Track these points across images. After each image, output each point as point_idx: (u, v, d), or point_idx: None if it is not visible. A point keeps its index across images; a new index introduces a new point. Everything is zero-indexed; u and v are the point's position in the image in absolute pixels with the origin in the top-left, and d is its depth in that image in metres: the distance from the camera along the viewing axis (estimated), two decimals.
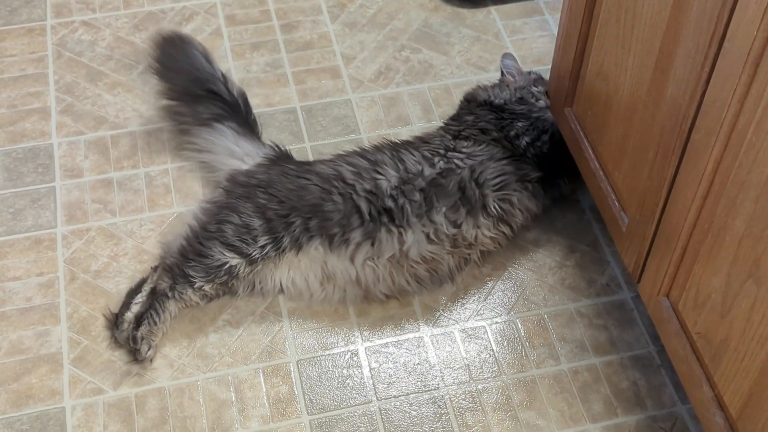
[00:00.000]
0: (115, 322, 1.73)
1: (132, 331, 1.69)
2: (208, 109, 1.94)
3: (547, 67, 1.97)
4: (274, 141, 1.94)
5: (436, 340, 1.77)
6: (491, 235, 1.81)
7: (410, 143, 1.89)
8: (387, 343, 1.76)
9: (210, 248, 1.72)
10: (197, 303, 1.76)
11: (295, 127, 2.11)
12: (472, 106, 1.97)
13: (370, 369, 1.73)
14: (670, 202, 1.41)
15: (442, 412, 1.67)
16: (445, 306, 1.82)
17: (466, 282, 1.85)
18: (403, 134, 1.99)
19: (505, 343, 1.77)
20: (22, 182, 1.99)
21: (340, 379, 1.71)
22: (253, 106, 2.07)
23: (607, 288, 1.86)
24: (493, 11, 2.39)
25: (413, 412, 1.67)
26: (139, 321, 1.70)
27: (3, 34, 2.29)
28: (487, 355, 1.75)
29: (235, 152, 1.90)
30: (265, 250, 1.71)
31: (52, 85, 2.17)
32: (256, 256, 1.72)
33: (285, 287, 1.79)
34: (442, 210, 1.75)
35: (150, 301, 1.72)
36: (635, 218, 1.54)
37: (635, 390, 1.71)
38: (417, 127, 2.09)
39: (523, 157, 1.86)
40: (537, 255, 1.90)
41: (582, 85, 1.71)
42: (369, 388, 1.70)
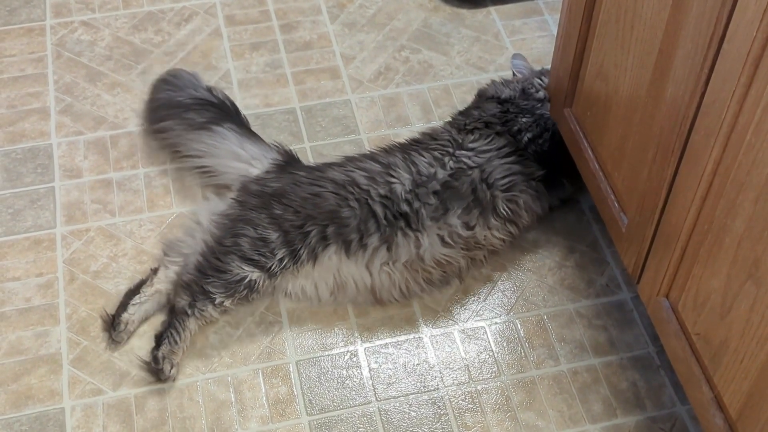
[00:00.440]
0: (112, 324, 1.72)
1: (153, 351, 1.67)
2: (201, 114, 1.91)
3: (546, 68, 1.98)
4: (278, 142, 1.93)
5: (436, 341, 1.77)
6: (500, 236, 1.81)
7: (419, 142, 1.88)
8: (386, 344, 1.76)
9: (228, 263, 1.69)
10: (217, 319, 1.75)
11: (295, 128, 2.11)
12: (480, 101, 1.98)
13: (370, 369, 1.73)
14: (669, 202, 1.41)
15: (442, 412, 1.67)
16: (445, 306, 1.82)
17: (466, 282, 1.85)
18: (402, 135, 1.99)
19: (505, 344, 1.77)
20: (22, 183, 1.98)
21: (340, 380, 1.71)
22: (252, 107, 2.07)
23: (607, 288, 1.85)
24: (493, 11, 2.38)
25: (413, 413, 1.67)
26: (159, 340, 1.68)
27: (2, 34, 2.29)
28: (487, 356, 1.75)
29: (241, 156, 1.88)
30: (284, 263, 1.70)
31: (52, 86, 2.17)
32: (276, 270, 1.70)
33: (293, 294, 1.79)
34: (457, 212, 1.75)
35: (169, 319, 1.70)
36: (635, 219, 1.54)
37: (635, 391, 1.71)
38: (417, 128, 2.09)
39: (525, 153, 1.86)
40: (537, 255, 1.90)
41: (581, 86, 1.71)
42: (368, 389, 1.70)
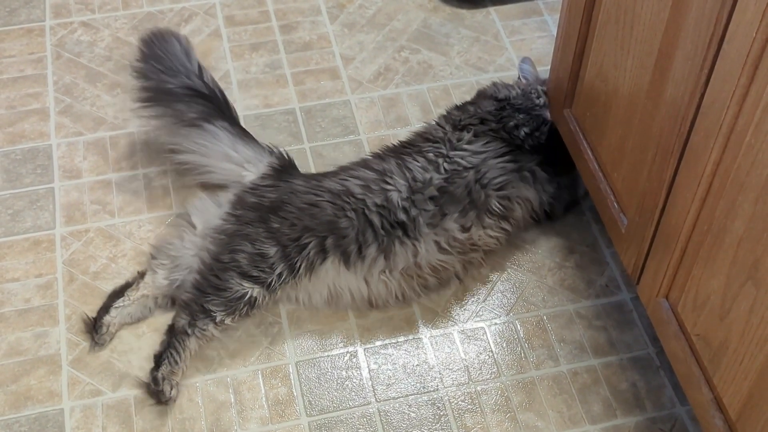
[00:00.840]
0: (94, 326, 1.72)
1: (152, 372, 1.64)
2: (191, 108, 1.85)
3: (546, 68, 1.97)
4: (272, 144, 1.91)
5: (435, 342, 1.77)
6: (495, 234, 1.81)
7: (412, 144, 1.86)
8: (386, 345, 1.76)
9: (227, 280, 1.67)
10: (218, 337, 1.72)
11: (294, 128, 2.11)
12: (479, 98, 1.97)
13: (369, 370, 1.72)
14: (669, 203, 1.41)
15: (441, 413, 1.67)
16: (444, 307, 1.82)
17: (466, 283, 1.85)
18: (402, 135, 1.99)
19: (504, 345, 1.77)
20: (21, 183, 1.98)
21: (339, 381, 1.71)
22: (252, 107, 2.07)
23: (607, 289, 1.85)
24: (492, 12, 2.38)
25: (412, 414, 1.67)
26: (158, 361, 1.65)
27: (2, 35, 2.29)
28: (486, 357, 1.75)
29: (233, 157, 1.85)
30: (282, 278, 1.68)
31: (51, 86, 2.17)
32: (275, 285, 1.68)
33: (288, 302, 1.79)
34: (453, 216, 1.75)
35: (169, 339, 1.67)
36: (634, 219, 1.54)
37: (634, 391, 1.71)
38: (416, 128, 2.08)
39: (521, 148, 1.85)
40: (536, 256, 1.90)
41: (581, 86, 1.71)
42: (368, 390, 1.70)
